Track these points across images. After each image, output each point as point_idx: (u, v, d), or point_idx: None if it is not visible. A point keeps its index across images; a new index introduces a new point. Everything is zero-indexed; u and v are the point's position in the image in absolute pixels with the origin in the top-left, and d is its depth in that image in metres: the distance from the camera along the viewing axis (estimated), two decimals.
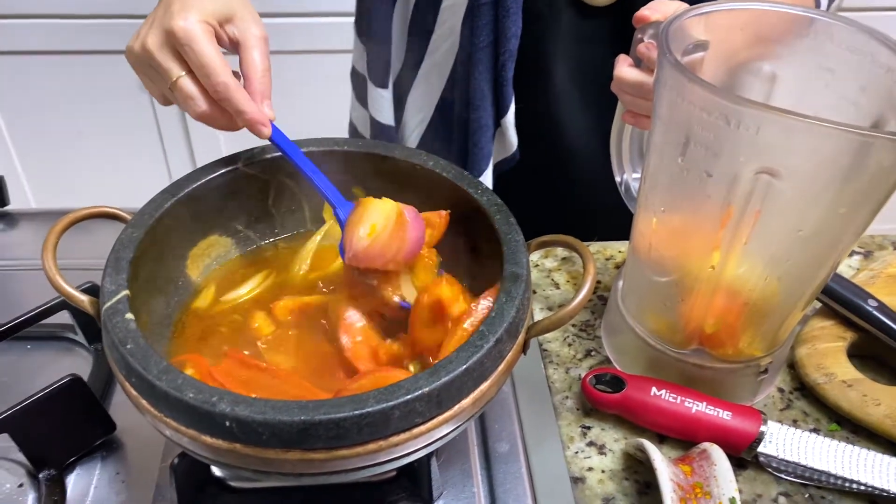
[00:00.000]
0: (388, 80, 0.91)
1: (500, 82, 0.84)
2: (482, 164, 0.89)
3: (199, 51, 0.55)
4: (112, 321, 0.49)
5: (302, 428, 0.44)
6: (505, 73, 0.83)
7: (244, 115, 0.57)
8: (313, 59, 1.81)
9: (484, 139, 0.87)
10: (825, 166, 0.49)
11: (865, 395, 0.64)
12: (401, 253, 0.57)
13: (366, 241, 0.56)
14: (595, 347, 0.73)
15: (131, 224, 0.57)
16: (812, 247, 0.55)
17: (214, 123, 0.59)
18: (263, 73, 0.58)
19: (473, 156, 0.88)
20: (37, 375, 0.68)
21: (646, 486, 0.61)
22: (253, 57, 0.58)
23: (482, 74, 0.83)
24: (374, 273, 0.58)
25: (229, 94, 0.56)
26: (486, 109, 0.85)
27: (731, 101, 0.48)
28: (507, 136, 0.88)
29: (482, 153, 0.88)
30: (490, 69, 0.83)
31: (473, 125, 0.86)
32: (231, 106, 0.56)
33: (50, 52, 1.77)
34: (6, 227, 0.88)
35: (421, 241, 0.59)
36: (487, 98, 0.85)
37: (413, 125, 0.93)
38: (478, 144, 0.87)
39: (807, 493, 0.60)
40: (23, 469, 0.59)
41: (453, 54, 0.85)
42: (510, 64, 0.82)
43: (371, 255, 0.56)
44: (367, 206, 0.57)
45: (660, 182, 0.59)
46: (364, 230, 0.56)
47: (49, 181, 2.00)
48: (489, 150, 0.88)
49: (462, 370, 0.47)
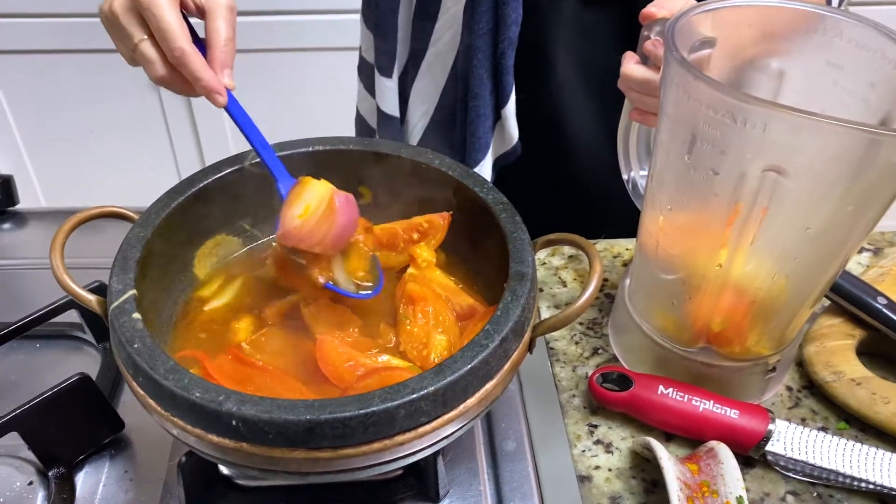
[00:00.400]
0: (393, 70, 0.90)
1: (500, 70, 0.84)
2: (479, 155, 0.89)
3: (160, 15, 0.55)
4: (119, 320, 0.50)
5: (308, 427, 0.44)
6: (504, 60, 0.83)
7: (200, 82, 0.57)
8: (320, 56, 1.81)
9: (482, 129, 0.87)
10: (833, 164, 0.49)
11: (874, 393, 0.64)
12: (328, 237, 0.57)
13: (297, 222, 0.56)
14: (602, 346, 0.73)
15: (138, 224, 0.57)
16: (820, 244, 0.55)
17: (173, 88, 0.59)
18: (226, 42, 0.59)
19: (471, 145, 0.88)
20: (46, 374, 0.68)
21: (653, 484, 0.61)
22: (217, 25, 0.58)
23: (481, 62, 0.83)
24: (304, 253, 0.59)
25: (185, 59, 0.56)
26: (484, 98, 0.85)
27: (737, 98, 0.48)
28: (507, 127, 0.88)
29: (480, 143, 0.88)
30: (489, 57, 0.83)
31: (472, 114, 0.86)
32: (187, 72, 0.57)
33: (59, 50, 1.78)
34: (15, 227, 0.88)
35: (351, 228, 0.59)
36: (487, 87, 0.84)
37: (417, 117, 0.93)
38: (475, 134, 0.87)
39: (815, 492, 0.60)
40: (32, 467, 0.59)
41: (456, 44, 0.85)
42: (510, 52, 0.82)
43: (300, 235, 0.57)
44: (305, 186, 0.57)
45: (666, 180, 0.59)
46: (297, 210, 0.56)
47: (59, 180, 2.01)
48: (487, 140, 0.88)
49: (467, 369, 0.47)
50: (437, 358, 0.56)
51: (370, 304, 0.62)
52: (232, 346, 0.57)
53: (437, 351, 0.57)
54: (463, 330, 0.59)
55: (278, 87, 1.84)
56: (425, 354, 0.56)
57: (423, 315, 0.58)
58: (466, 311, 0.61)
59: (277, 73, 1.82)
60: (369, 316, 0.61)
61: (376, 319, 0.61)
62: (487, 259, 0.61)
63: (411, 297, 0.59)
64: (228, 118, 0.59)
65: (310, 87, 1.85)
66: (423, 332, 0.58)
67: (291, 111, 1.89)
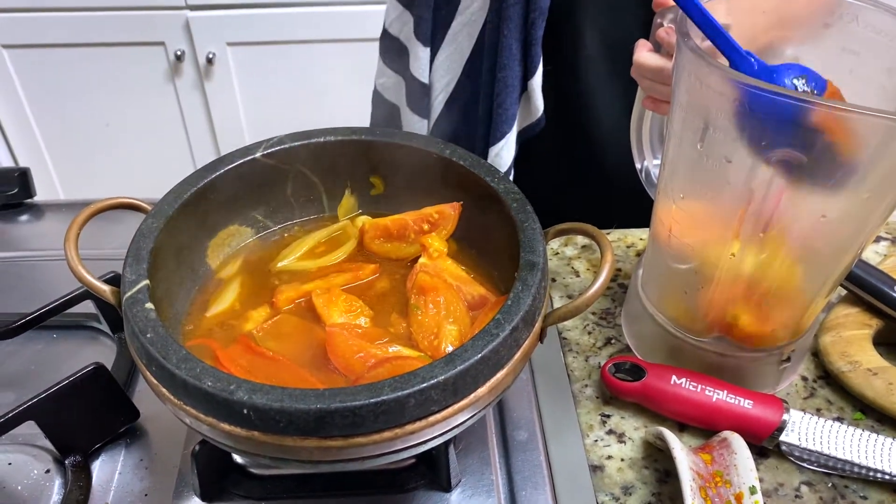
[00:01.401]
0: (430, 37, 0.90)
1: (530, 41, 0.83)
2: (506, 127, 0.88)
3: None
4: (132, 311, 0.50)
5: (318, 416, 0.44)
6: (535, 31, 0.82)
7: None
8: (334, 48, 1.81)
9: (510, 100, 0.87)
10: None
11: (891, 383, 0.63)
12: None
13: None
14: (615, 335, 0.72)
15: (151, 214, 0.57)
16: (836, 233, 0.54)
17: None
18: None
19: (498, 117, 0.87)
20: (63, 364, 0.69)
21: (665, 474, 0.60)
22: None
23: (511, 32, 0.82)
24: None
25: None
26: (513, 69, 0.85)
27: (751, 86, 0.47)
28: (533, 98, 0.87)
29: (507, 114, 0.87)
30: (520, 27, 0.82)
31: (500, 85, 0.85)
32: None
33: (76, 44, 1.79)
34: (33, 219, 0.89)
35: None
36: (516, 57, 0.84)
37: (439, 88, 0.93)
38: (503, 105, 0.87)
39: (830, 483, 0.60)
40: (49, 456, 0.60)
41: (484, 13, 0.84)
42: (540, 22, 0.82)
43: None
44: None
45: (679, 168, 0.59)
46: None
47: (77, 172, 2.03)
48: (514, 112, 0.88)
49: (478, 359, 0.47)
50: (448, 347, 0.56)
51: (382, 294, 0.62)
52: (243, 334, 0.58)
53: (447, 340, 0.57)
54: (474, 320, 0.59)
55: (292, 79, 1.85)
56: (436, 344, 0.56)
57: (434, 305, 0.58)
58: (478, 300, 0.61)
59: (291, 65, 1.83)
60: (381, 306, 0.61)
61: (388, 309, 0.61)
62: (499, 249, 0.61)
63: (422, 288, 0.59)
64: (244, 109, 0.59)
65: (323, 79, 1.86)
66: (434, 322, 0.58)
67: (305, 102, 1.89)
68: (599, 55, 0.86)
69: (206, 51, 1.78)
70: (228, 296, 0.62)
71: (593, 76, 0.88)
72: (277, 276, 0.65)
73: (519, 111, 0.89)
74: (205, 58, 1.79)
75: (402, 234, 0.65)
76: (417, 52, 0.91)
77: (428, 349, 0.57)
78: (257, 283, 0.64)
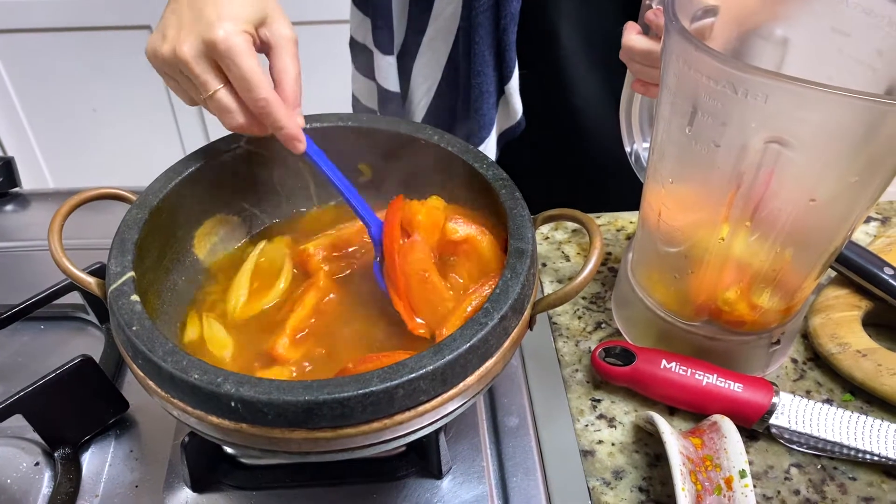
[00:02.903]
0: (392, 46, 0.89)
1: (503, 47, 0.82)
2: (484, 132, 0.88)
3: (242, 65, 0.52)
4: (118, 303, 0.50)
5: (306, 408, 0.44)
6: (507, 36, 0.81)
7: (283, 131, 0.56)
8: (317, 30, 1.79)
9: (486, 106, 0.86)
10: (837, 134, 0.48)
11: (880, 364, 0.64)
12: None
13: None
14: (605, 320, 0.72)
15: (136, 205, 0.57)
16: (825, 216, 0.54)
17: (247, 132, 0.57)
18: (295, 79, 0.56)
19: (475, 123, 0.87)
20: (50, 355, 0.68)
21: (656, 458, 0.61)
22: (285, 62, 0.56)
23: (483, 39, 0.81)
24: None
25: (270, 109, 0.54)
26: (488, 75, 0.84)
27: (738, 69, 0.47)
28: (511, 102, 0.86)
29: (484, 120, 0.87)
30: (491, 33, 0.81)
31: (475, 91, 0.85)
32: (270, 121, 0.55)
33: (61, 28, 1.77)
34: (18, 208, 0.88)
35: None
36: (490, 63, 0.83)
37: (420, 94, 0.92)
38: (479, 111, 0.86)
39: (819, 465, 0.60)
40: (38, 448, 0.60)
41: (457, 19, 0.83)
42: (512, 27, 0.81)
43: None
44: None
45: (668, 152, 0.58)
46: None
47: (65, 160, 2.01)
48: (491, 118, 0.87)
49: (466, 348, 0.46)
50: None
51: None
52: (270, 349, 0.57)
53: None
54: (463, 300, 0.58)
55: None
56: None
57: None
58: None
59: None
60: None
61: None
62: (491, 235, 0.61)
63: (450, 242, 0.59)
64: None
65: (312, 62, 1.84)
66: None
67: None
68: (577, 49, 0.86)
69: None
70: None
71: (573, 71, 0.87)
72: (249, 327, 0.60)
73: (498, 115, 0.88)
74: None
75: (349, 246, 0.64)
76: (379, 61, 0.91)
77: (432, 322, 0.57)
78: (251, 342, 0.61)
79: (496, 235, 0.59)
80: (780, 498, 0.58)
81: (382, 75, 0.91)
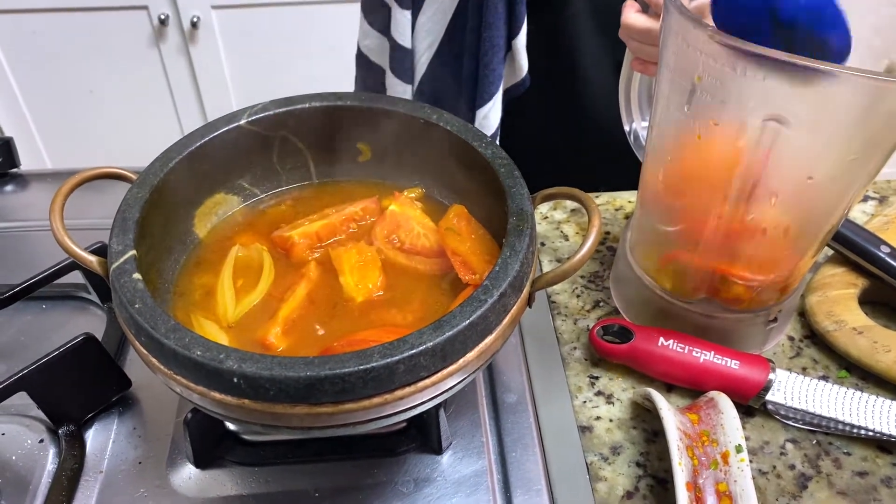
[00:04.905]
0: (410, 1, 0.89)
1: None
2: (492, 88, 0.88)
3: None
4: (120, 281, 0.50)
5: (308, 383, 0.44)
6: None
7: None
8: (318, 10, 1.79)
9: (496, 60, 0.86)
10: (836, 113, 0.48)
11: (876, 341, 0.64)
12: None
13: None
14: (603, 298, 0.73)
15: (136, 184, 0.57)
16: (822, 194, 0.54)
17: None
18: None
19: (484, 77, 0.87)
20: (53, 334, 0.69)
21: (653, 434, 0.61)
22: None
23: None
24: None
25: None
26: (498, 28, 0.84)
27: (737, 47, 0.47)
28: (517, 58, 0.87)
29: (493, 74, 0.87)
30: None
31: (485, 45, 0.85)
32: None
33: (58, 9, 1.76)
34: (18, 189, 0.88)
35: None
36: (501, 16, 0.83)
37: (422, 49, 0.92)
38: (489, 66, 0.86)
39: (814, 440, 0.61)
40: (42, 425, 0.60)
41: None
42: None
43: None
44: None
45: (666, 131, 0.58)
46: None
47: (63, 140, 2.01)
48: (500, 72, 0.87)
49: (466, 324, 0.47)
50: None
51: None
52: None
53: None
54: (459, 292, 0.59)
55: (278, 42, 1.82)
56: None
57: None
58: None
59: (277, 28, 1.80)
60: None
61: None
62: (487, 214, 0.61)
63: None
64: (230, 73, 0.58)
65: (309, 42, 1.83)
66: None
67: (292, 66, 1.87)
68: (586, 11, 0.85)
69: (190, 14, 1.75)
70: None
71: (580, 33, 0.87)
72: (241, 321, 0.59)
73: (504, 71, 0.88)
74: (189, 21, 1.76)
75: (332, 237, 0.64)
76: (397, 15, 0.90)
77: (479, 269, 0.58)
78: None
79: (494, 214, 0.60)
80: (775, 472, 0.58)
81: (399, 30, 0.90)
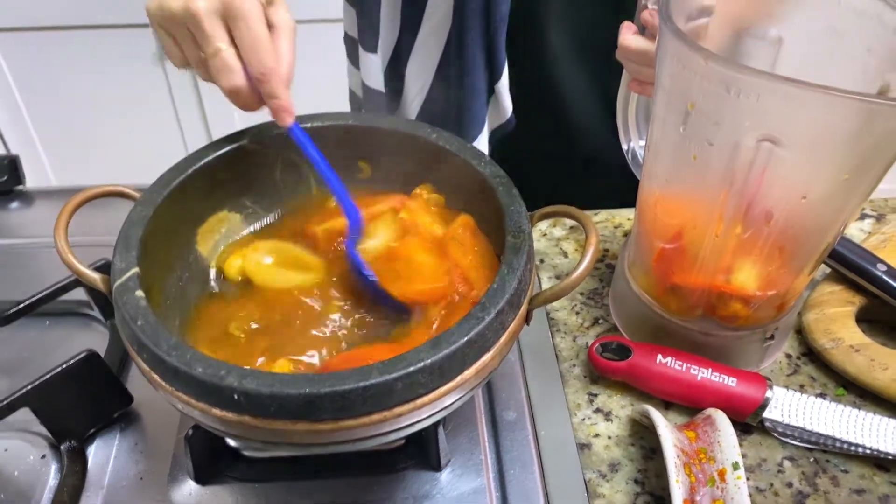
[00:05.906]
0: (377, 45, 0.90)
1: (493, 47, 0.84)
2: (475, 130, 0.90)
3: (255, 29, 0.54)
4: (122, 298, 0.51)
5: (308, 400, 0.45)
6: (497, 37, 0.83)
7: (276, 101, 0.57)
8: (313, 28, 1.80)
9: (477, 104, 0.88)
10: (829, 133, 0.49)
11: (873, 359, 0.65)
12: None
13: None
14: (603, 315, 0.73)
15: (140, 202, 0.58)
16: (816, 213, 0.55)
17: (239, 100, 0.57)
18: (292, 64, 0.58)
19: (467, 121, 0.89)
20: (56, 351, 0.70)
21: (651, 451, 0.62)
22: (285, 45, 0.57)
23: (474, 40, 0.83)
24: None
25: (271, 77, 0.55)
26: (478, 75, 0.86)
27: (730, 69, 0.48)
28: (501, 101, 0.88)
29: (476, 118, 0.89)
30: (482, 34, 0.83)
31: (467, 90, 0.87)
32: (268, 89, 0.56)
33: (64, 27, 1.78)
34: (23, 206, 0.89)
35: None
36: (480, 64, 0.85)
37: (414, 93, 0.93)
38: (471, 109, 0.88)
39: (812, 458, 0.61)
40: (45, 441, 0.61)
41: (449, 20, 0.85)
42: (502, 28, 0.82)
43: None
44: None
45: (662, 151, 0.59)
46: None
47: (68, 158, 2.02)
48: (483, 116, 0.89)
49: (464, 342, 0.47)
50: None
51: None
52: None
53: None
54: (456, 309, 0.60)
55: None
56: None
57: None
58: None
59: None
60: None
61: None
62: (485, 232, 0.62)
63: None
64: None
65: (314, 61, 1.84)
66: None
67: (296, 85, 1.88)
68: (566, 51, 0.87)
69: None
70: None
71: (562, 73, 0.89)
72: None
73: (488, 113, 0.90)
74: None
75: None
76: (365, 59, 0.92)
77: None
78: None
79: (493, 232, 0.60)
80: (772, 490, 0.59)
81: (365, 72, 0.93)
